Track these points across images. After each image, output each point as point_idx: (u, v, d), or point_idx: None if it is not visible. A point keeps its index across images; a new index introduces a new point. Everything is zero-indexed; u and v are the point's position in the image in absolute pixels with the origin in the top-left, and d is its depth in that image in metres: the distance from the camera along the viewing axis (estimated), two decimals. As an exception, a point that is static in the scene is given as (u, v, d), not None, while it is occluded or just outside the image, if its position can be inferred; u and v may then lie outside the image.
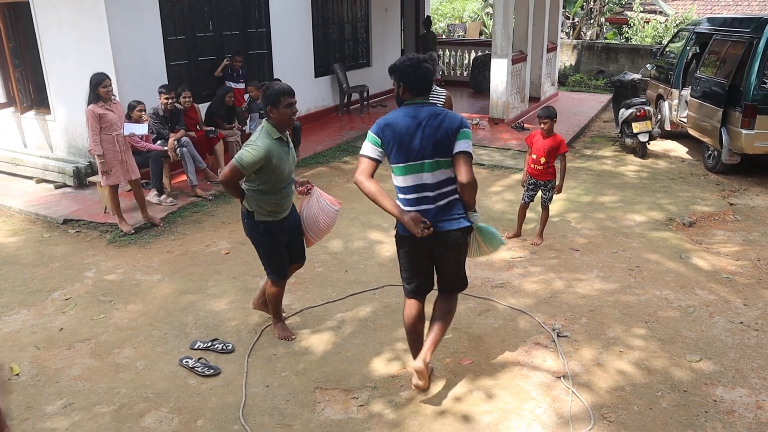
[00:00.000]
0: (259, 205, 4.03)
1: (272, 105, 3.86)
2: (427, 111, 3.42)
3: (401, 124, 3.39)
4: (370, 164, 3.43)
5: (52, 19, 7.48)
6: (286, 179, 4.04)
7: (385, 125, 3.41)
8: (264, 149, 3.83)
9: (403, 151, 3.39)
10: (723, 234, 6.39)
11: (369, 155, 3.43)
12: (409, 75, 3.41)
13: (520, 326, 4.57)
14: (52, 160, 8.01)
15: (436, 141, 3.36)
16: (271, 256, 4.21)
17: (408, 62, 3.43)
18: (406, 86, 3.44)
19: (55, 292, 5.22)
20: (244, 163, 3.82)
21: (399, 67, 3.45)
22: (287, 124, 3.94)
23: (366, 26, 12.76)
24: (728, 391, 3.83)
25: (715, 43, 8.88)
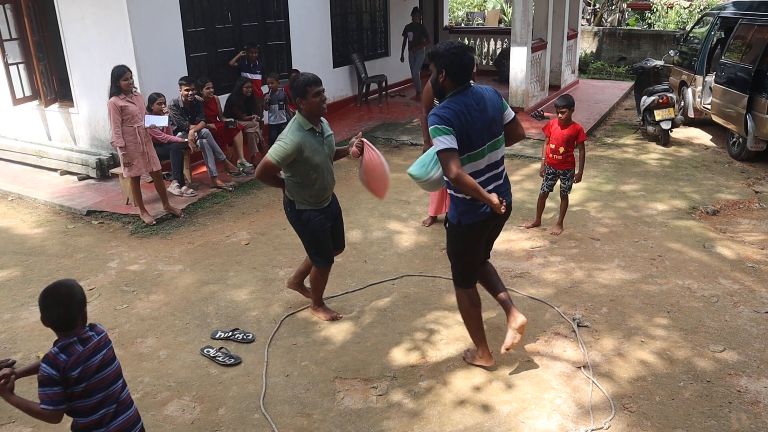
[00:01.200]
0: (300, 194, 4.09)
1: (300, 96, 3.87)
2: (476, 94, 3.43)
3: (464, 113, 3.35)
4: (457, 156, 3.32)
5: (75, 14, 7.56)
6: (322, 170, 4.04)
7: (452, 116, 3.32)
8: (294, 143, 3.86)
9: (472, 139, 3.38)
10: (748, 222, 6.28)
11: (453, 146, 3.29)
12: (453, 63, 3.34)
13: (540, 316, 4.55)
14: (75, 152, 8.13)
15: (491, 121, 3.44)
16: (315, 243, 4.26)
17: (454, 49, 3.35)
18: (448, 74, 3.38)
19: (79, 283, 5.29)
20: (275, 158, 3.89)
21: (443, 54, 3.36)
22: (318, 113, 3.95)
23: (384, 15, 12.71)
24: (753, 381, 3.78)
25: (741, 27, 8.68)
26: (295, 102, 3.93)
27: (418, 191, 7.19)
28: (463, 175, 3.28)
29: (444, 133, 3.29)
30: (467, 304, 3.79)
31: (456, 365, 4.00)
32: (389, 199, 6.91)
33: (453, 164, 3.27)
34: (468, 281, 3.77)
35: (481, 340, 3.90)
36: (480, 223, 3.53)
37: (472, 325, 3.86)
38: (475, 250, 3.70)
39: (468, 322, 3.87)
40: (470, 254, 3.70)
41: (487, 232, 3.66)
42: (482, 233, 3.63)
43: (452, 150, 3.29)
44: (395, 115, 10.98)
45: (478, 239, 3.64)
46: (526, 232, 6.01)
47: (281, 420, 3.56)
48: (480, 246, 3.70)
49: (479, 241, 3.67)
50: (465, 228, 3.56)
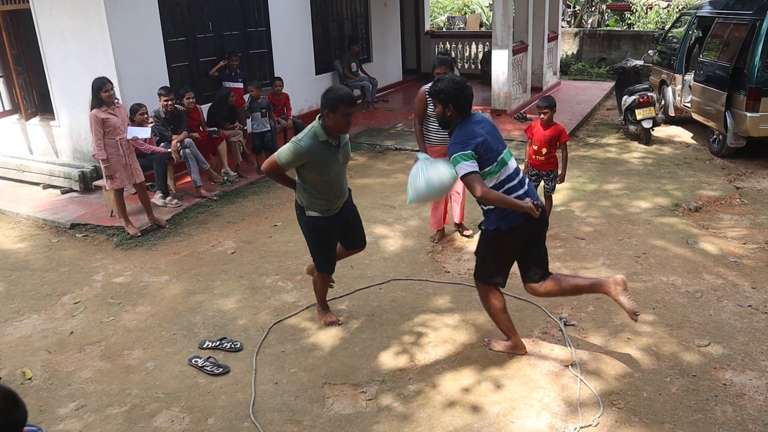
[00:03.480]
0: (309, 200, 4.05)
1: (330, 110, 3.78)
2: (476, 118, 3.74)
3: (479, 132, 3.63)
4: (479, 177, 3.56)
5: (54, 27, 7.52)
6: (332, 181, 3.99)
7: (468, 139, 3.59)
8: (304, 150, 3.81)
9: (492, 152, 3.63)
10: (730, 218, 6.36)
11: (474, 170, 3.55)
12: (458, 97, 3.65)
13: (527, 316, 4.57)
14: (57, 165, 8.07)
15: (496, 135, 3.74)
16: (318, 250, 4.28)
17: (457, 85, 3.65)
18: (456, 107, 3.66)
19: (64, 296, 5.26)
20: (281, 159, 3.86)
21: (448, 90, 3.64)
22: (341, 132, 3.91)
23: (366, 21, 12.75)
24: (738, 374, 3.82)
25: (718, 26, 8.81)
26: (322, 110, 3.84)
27: (402, 195, 7.20)
28: (488, 192, 3.53)
29: (465, 159, 3.54)
30: (492, 300, 3.93)
31: (444, 367, 4.01)
32: (374, 204, 6.92)
33: (477, 185, 3.51)
34: (498, 281, 3.89)
35: (513, 330, 4.04)
36: (518, 227, 3.68)
37: (500, 319, 3.99)
38: (510, 254, 3.84)
39: (495, 318, 4.02)
40: (504, 258, 3.85)
41: (524, 236, 3.75)
42: (519, 238, 3.75)
43: (474, 173, 3.53)
44: (379, 120, 11.01)
45: (514, 244, 3.78)
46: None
47: (271, 428, 3.54)
48: (515, 250, 3.82)
49: (515, 246, 3.80)
50: (503, 234, 3.71)
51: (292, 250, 5.92)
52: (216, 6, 8.80)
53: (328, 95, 3.82)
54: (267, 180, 8.08)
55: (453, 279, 5.21)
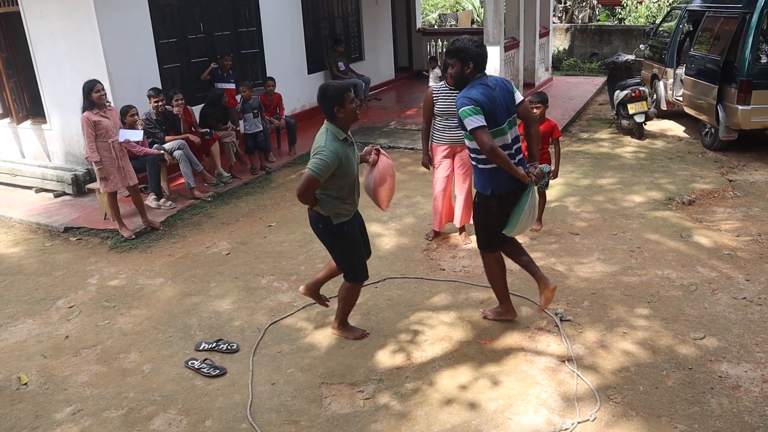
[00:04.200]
0: (335, 208, 3.86)
1: (339, 105, 3.69)
2: (492, 80, 3.92)
3: (488, 95, 3.80)
4: (488, 131, 3.74)
5: (44, 30, 7.48)
6: (356, 180, 3.91)
7: (479, 97, 3.75)
8: (335, 153, 3.65)
9: (494, 118, 3.80)
10: (723, 211, 6.39)
11: (483, 123, 3.73)
12: (479, 54, 3.84)
13: (523, 312, 4.58)
14: (50, 169, 8.02)
15: (507, 103, 3.90)
16: (355, 257, 4.08)
17: (477, 44, 3.85)
18: (475, 65, 3.84)
19: (59, 301, 5.24)
20: (320, 171, 3.62)
21: (469, 48, 3.82)
22: (354, 120, 3.81)
23: (357, 20, 12.73)
24: (733, 366, 3.84)
25: (708, 20, 8.84)
26: (330, 111, 3.71)
27: (397, 193, 7.17)
28: (496, 148, 3.73)
29: (474, 113, 3.72)
30: (494, 265, 4.24)
31: (441, 365, 4.01)
32: (368, 202, 6.89)
33: (487, 138, 3.72)
34: (495, 246, 4.21)
35: (506, 297, 4.39)
36: (510, 192, 3.95)
37: (497, 284, 4.32)
38: (503, 218, 4.08)
39: (494, 281, 4.33)
40: (498, 222, 4.08)
41: (514, 201, 4.01)
42: (510, 202, 4.01)
43: (483, 127, 3.72)
44: (372, 119, 10.99)
45: (505, 208, 4.03)
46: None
47: (269, 429, 3.54)
48: (506, 214, 4.07)
49: (507, 210, 4.05)
50: (496, 198, 3.96)
51: (287, 250, 5.91)
52: (207, 6, 8.76)
53: (329, 92, 3.71)
54: (261, 180, 8.06)
55: (448, 276, 5.21)
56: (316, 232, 4.05)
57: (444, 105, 5.36)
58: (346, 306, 4.30)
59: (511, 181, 3.90)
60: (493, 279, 4.32)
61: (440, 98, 5.38)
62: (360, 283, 4.21)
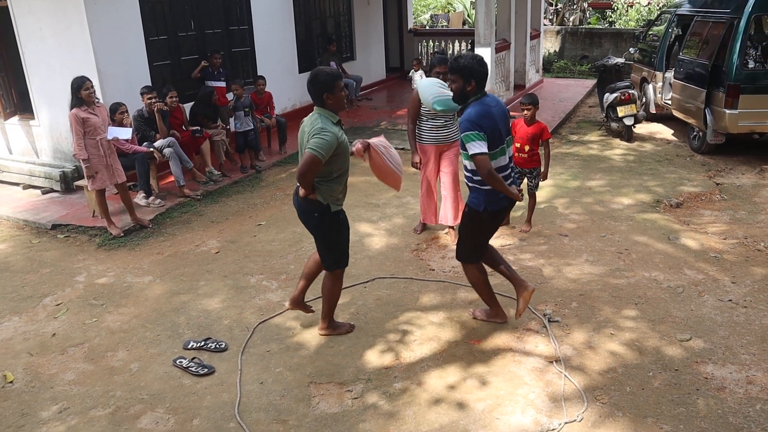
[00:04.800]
0: (333, 194, 3.94)
1: (328, 91, 3.79)
2: (492, 99, 4.03)
3: (491, 116, 3.89)
4: (488, 157, 3.84)
5: (32, 26, 7.41)
6: (348, 164, 3.99)
7: (482, 120, 3.83)
8: (334, 134, 3.74)
9: (497, 138, 3.92)
10: (710, 214, 6.45)
11: (485, 150, 3.82)
12: (481, 73, 3.89)
13: (512, 313, 4.60)
14: (38, 165, 7.96)
15: (505, 123, 4.02)
16: (344, 245, 4.19)
17: (477, 61, 3.90)
18: (477, 82, 3.90)
19: (46, 298, 5.20)
20: (323, 151, 3.68)
21: (471, 67, 3.87)
22: (343, 107, 3.93)
23: (349, 20, 12.72)
24: (719, 368, 3.88)
25: (697, 24, 8.92)
26: (319, 98, 3.79)
27: (387, 193, 7.21)
28: (493, 172, 3.84)
29: (477, 139, 3.81)
30: (477, 273, 4.30)
31: (430, 365, 4.03)
32: (358, 202, 6.92)
33: (486, 164, 3.81)
34: (478, 257, 4.30)
35: (495, 302, 4.44)
36: (502, 209, 4.11)
37: (484, 291, 4.39)
38: (490, 233, 4.27)
39: (479, 288, 4.39)
40: (486, 236, 4.25)
41: (502, 218, 4.23)
42: (500, 219, 4.20)
43: (484, 154, 3.81)
44: (363, 118, 10.99)
45: (495, 224, 4.21)
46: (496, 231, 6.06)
47: (257, 428, 3.53)
48: (495, 229, 4.29)
49: (495, 226, 4.24)
50: (489, 214, 4.06)
51: (276, 249, 5.90)
52: (198, 4, 8.72)
53: (320, 78, 3.79)
54: (251, 179, 8.04)
55: (438, 277, 5.22)
56: (310, 221, 4.04)
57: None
58: (331, 299, 4.30)
59: (504, 199, 4.02)
60: (478, 286, 4.37)
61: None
62: (342, 269, 4.22)
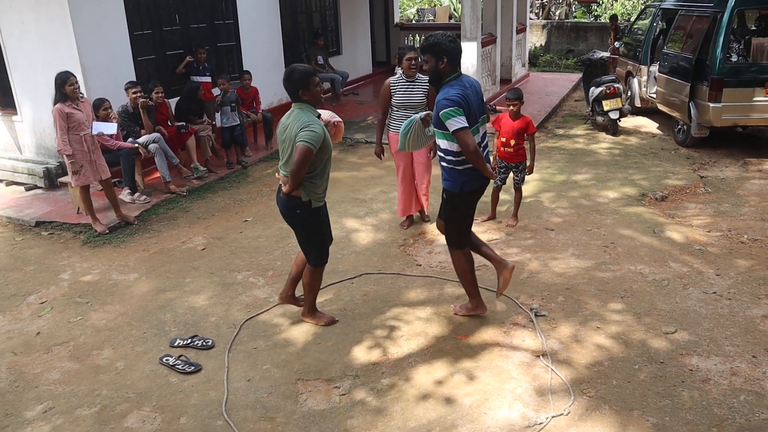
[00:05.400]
0: (315, 191, 4.00)
1: (303, 88, 3.85)
2: (467, 80, 4.01)
3: (468, 95, 3.88)
4: (470, 132, 3.82)
5: (14, 20, 7.30)
6: (330, 157, 4.04)
7: (460, 98, 3.81)
8: (321, 125, 3.84)
9: (473, 116, 3.90)
10: (694, 206, 6.50)
11: (466, 125, 3.80)
12: (452, 50, 3.88)
13: (499, 308, 4.62)
14: (20, 161, 7.86)
15: (479, 102, 4.02)
16: (324, 241, 4.25)
17: (450, 39, 3.90)
18: (449, 59, 3.88)
19: (30, 296, 5.14)
20: (314, 142, 3.74)
21: (443, 44, 3.86)
22: (319, 102, 3.98)
23: (335, 14, 12.66)
24: (703, 360, 3.92)
25: (681, 18, 8.97)
26: (295, 94, 3.86)
27: (374, 188, 7.20)
28: (478, 149, 3.84)
29: (457, 114, 3.79)
30: (464, 261, 4.27)
31: (417, 360, 4.03)
32: (344, 197, 6.90)
33: (470, 139, 3.80)
34: (464, 242, 4.28)
35: (476, 293, 4.42)
36: (478, 189, 4.11)
37: (468, 279, 4.36)
38: (471, 214, 4.26)
39: (464, 277, 4.35)
40: (468, 218, 4.24)
41: (477, 198, 4.19)
42: (477, 198, 4.19)
43: (467, 128, 3.80)
44: (349, 113, 10.95)
45: (474, 204, 4.20)
46: (482, 226, 6.09)
47: (244, 425, 3.52)
48: (474, 210, 4.25)
49: (474, 206, 4.22)
50: (466, 194, 4.07)
51: (263, 245, 5.88)
52: (182, -2, 8.64)
53: (294, 76, 3.86)
54: (237, 175, 8.00)
55: (425, 272, 5.23)
56: (291, 218, 4.14)
57: (402, 97, 5.58)
58: (311, 290, 4.41)
59: (479, 177, 4.03)
60: (463, 274, 4.35)
61: (398, 90, 5.60)
62: (321, 268, 4.33)
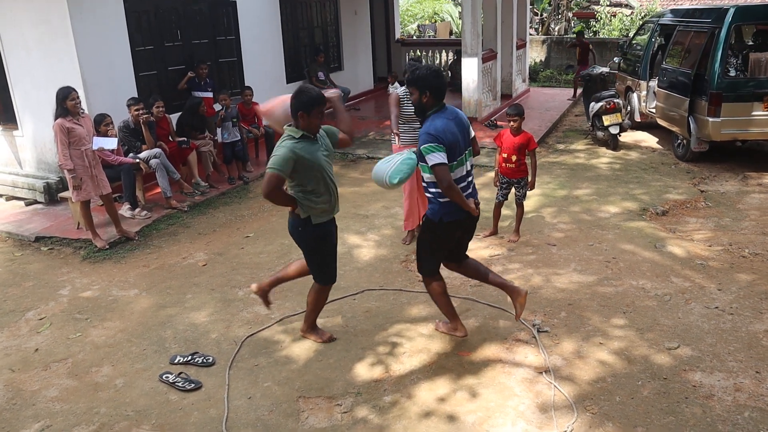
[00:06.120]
0: (313, 206, 3.97)
1: (304, 110, 3.79)
2: (451, 112, 3.98)
3: (450, 129, 3.85)
4: (448, 169, 3.80)
5: (17, 37, 7.35)
6: (327, 177, 3.97)
7: (441, 133, 3.79)
8: (289, 148, 3.78)
9: (456, 150, 3.88)
10: (695, 221, 6.50)
11: (444, 162, 3.77)
12: (434, 85, 3.87)
13: (501, 324, 4.60)
14: (21, 176, 7.87)
15: (464, 135, 3.99)
16: (328, 260, 4.20)
17: (433, 74, 3.90)
18: (432, 94, 3.88)
19: (29, 312, 5.12)
20: (278, 166, 3.75)
21: (426, 78, 3.86)
22: (315, 132, 3.92)
23: (336, 30, 12.75)
24: (707, 375, 3.89)
25: (679, 34, 9.03)
26: (294, 113, 3.83)
27: (375, 204, 7.20)
28: (453, 185, 3.81)
29: (436, 150, 3.75)
30: (437, 287, 4.22)
31: (420, 377, 4.00)
32: (346, 213, 6.90)
33: (446, 175, 3.77)
34: (436, 270, 4.21)
35: (454, 315, 4.35)
36: (457, 221, 4.00)
37: (443, 304, 4.29)
38: (448, 245, 4.15)
39: (439, 301, 4.29)
40: (443, 248, 4.16)
41: (461, 230, 4.10)
42: (457, 230, 4.08)
43: (444, 164, 3.77)
44: (351, 128, 10.97)
45: (452, 235, 4.09)
46: (484, 241, 6.08)
47: (245, 443, 3.49)
48: (452, 241, 4.14)
49: (452, 238, 4.11)
50: (445, 225, 3.99)
51: (264, 261, 5.86)
52: (184, 14, 8.70)
53: (302, 97, 3.80)
54: (238, 190, 8.00)
55: (427, 287, 5.20)
56: (294, 235, 4.14)
57: (408, 111, 5.65)
58: (315, 308, 4.40)
59: (460, 211, 3.96)
60: (438, 299, 4.28)
61: (405, 104, 5.67)
62: (329, 286, 4.31)
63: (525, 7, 13.52)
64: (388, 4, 15.07)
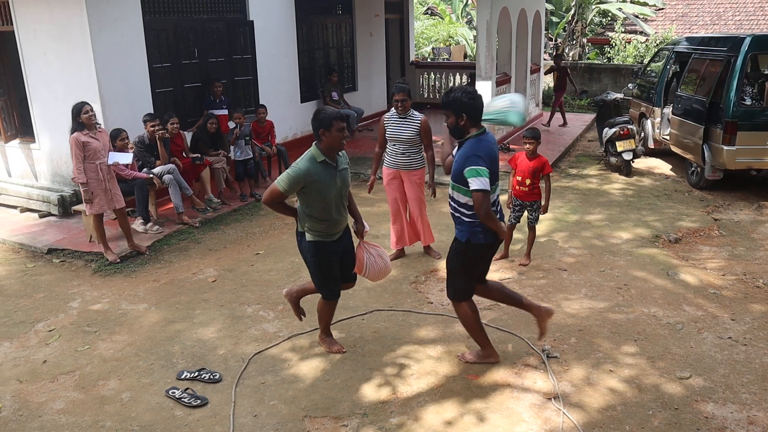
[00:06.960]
0: (311, 225, 4.07)
1: (325, 128, 3.89)
2: (491, 138, 3.93)
3: (493, 154, 3.85)
4: (489, 196, 3.77)
5: (37, 50, 7.49)
6: (332, 203, 4.03)
7: (487, 157, 3.77)
8: (303, 172, 3.88)
9: (496, 176, 3.89)
10: (709, 249, 6.43)
11: (488, 188, 3.74)
12: (471, 107, 3.81)
13: (510, 348, 4.55)
14: (36, 189, 7.96)
15: (497, 164, 3.95)
16: (320, 275, 4.25)
17: (466, 95, 3.81)
18: (468, 116, 3.81)
19: (38, 324, 5.14)
20: (283, 183, 3.91)
21: (461, 101, 3.80)
22: (338, 148, 4.00)
23: (351, 51, 12.87)
24: (719, 407, 3.82)
25: (694, 61, 9.03)
26: (316, 132, 3.93)
27: (386, 224, 7.19)
28: (491, 214, 3.79)
29: (484, 175, 3.72)
30: (469, 313, 4.15)
31: (427, 400, 3.96)
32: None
33: (487, 203, 3.74)
34: (468, 294, 4.15)
35: (487, 341, 4.29)
36: (487, 244, 3.98)
37: (475, 330, 4.24)
38: (479, 268, 4.12)
39: (472, 328, 4.23)
40: (474, 271, 4.09)
41: (491, 252, 4.09)
42: (487, 253, 4.08)
43: (487, 192, 3.74)
44: (363, 149, 11.04)
45: (483, 258, 4.09)
46: (495, 264, 6.04)
47: (249, 462, 3.46)
48: (482, 264, 4.13)
49: (483, 260, 4.10)
50: (474, 247, 3.95)
51: (274, 279, 5.86)
52: (202, 32, 8.83)
53: (320, 116, 3.93)
54: (250, 207, 8.03)
55: (436, 310, 5.18)
56: (298, 245, 4.27)
57: (392, 131, 5.78)
58: (320, 319, 4.54)
59: (490, 234, 3.93)
60: (470, 326, 4.23)
61: (390, 125, 5.81)
62: (329, 302, 4.37)
63: (540, 33, 13.60)
64: (404, 27, 15.22)
